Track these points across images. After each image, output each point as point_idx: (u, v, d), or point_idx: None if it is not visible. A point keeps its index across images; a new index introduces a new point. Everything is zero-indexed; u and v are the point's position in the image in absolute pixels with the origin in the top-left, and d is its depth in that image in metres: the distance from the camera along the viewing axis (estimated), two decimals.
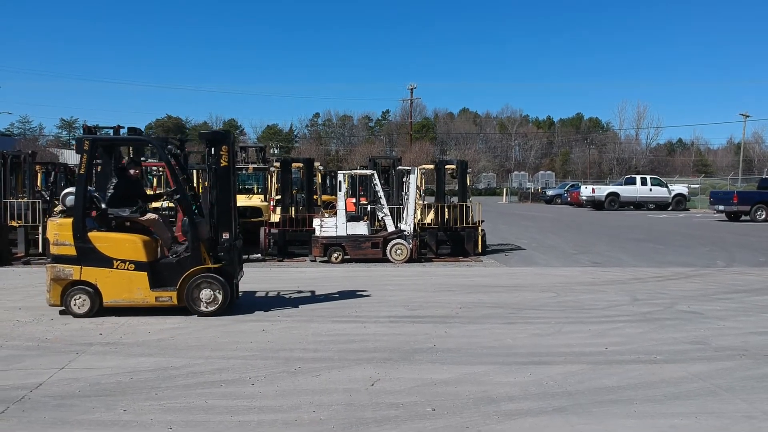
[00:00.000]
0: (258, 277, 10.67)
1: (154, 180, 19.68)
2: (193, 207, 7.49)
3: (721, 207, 26.25)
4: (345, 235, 12.46)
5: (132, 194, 7.72)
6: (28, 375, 4.99)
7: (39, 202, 13.20)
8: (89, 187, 7.34)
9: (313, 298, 8.40)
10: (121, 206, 7.47)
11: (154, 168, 17.89)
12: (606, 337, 6.34)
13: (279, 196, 14.68)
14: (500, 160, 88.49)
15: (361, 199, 17.44)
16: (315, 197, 15.19)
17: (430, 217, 13.85)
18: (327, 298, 8.44)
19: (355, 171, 17.46)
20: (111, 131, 13.82)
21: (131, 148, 11.06)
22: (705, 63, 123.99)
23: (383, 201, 13.02)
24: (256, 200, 16.85)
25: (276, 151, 68.81)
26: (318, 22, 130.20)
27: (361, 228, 12.65)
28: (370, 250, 12.45)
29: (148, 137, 9.93)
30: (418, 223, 13.22)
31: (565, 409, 4.30)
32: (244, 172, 18.54)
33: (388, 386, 4.76)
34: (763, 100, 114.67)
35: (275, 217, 14.22)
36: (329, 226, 12.59)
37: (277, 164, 15.08)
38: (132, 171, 7.93)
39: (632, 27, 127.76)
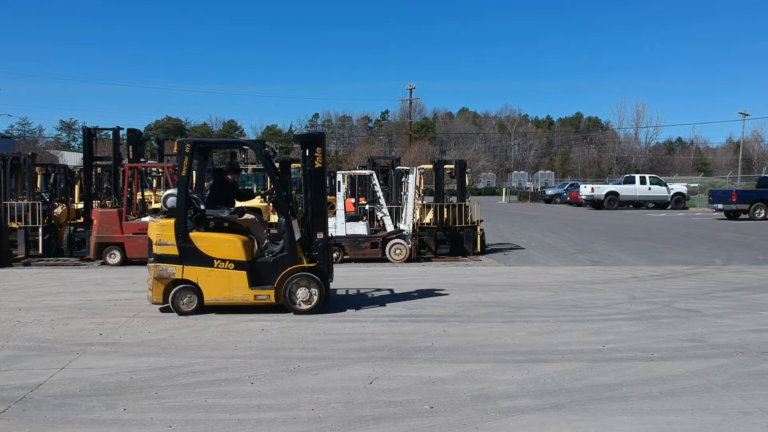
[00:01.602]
0: None
1: (154, 181, 19.73)
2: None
3: (720, 205, 26.31)
4: (344, 235, 12.49)
5: (228, 196, 7.92)
6: (29, 375, 5.02)
7: (39, 204, 13.24)
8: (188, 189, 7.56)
9: None
10: (218, 207, 7.67)
11: (154, 169, 17.92)
12: (604, 335, 6.38)
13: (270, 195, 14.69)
14: (500, 160, 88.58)
15: (360, 199, 17.48)
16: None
17: (429, 216, 13.88)
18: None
19: (354, 171, 17.50)
20: (110, 132, 13.93)
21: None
22: (704, 62, 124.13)
23: (382, 201, 13.06)
24: (255, 201, 16.88)
25: (276, 152, 68.76)
26: (317, 23, 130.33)
27: (360, 228, 12.68)
28: (369, 249, 12.49)
29: (246, 140, 10.14)
30: (417, 223, 13.25)
31: (562, 406, 4.33)
32: (243, 172, 18.60)
33: (387, 384, 4.80)
34: (763, 99, 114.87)
35: (275, 218, 14.23)
36: (328, 226, 12.60)
37: (277, 165, 15.09)
38: (230, 176, 8.12)
39: (631, 26, 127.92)
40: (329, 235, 7.87)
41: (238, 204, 8.17)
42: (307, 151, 7.54)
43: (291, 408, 4.29)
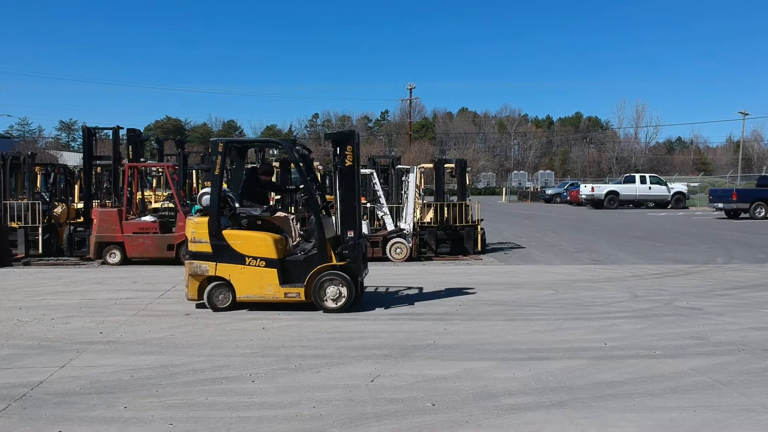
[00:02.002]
0: None
1: (154, 180, 19.71)
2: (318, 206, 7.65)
3: (721, 204, 26.30)
4: None
5: (263, 194, 7.99)
6: (29, 373, 5.00)
7: (39, 204, 13.22)
8: (225, 188, 7.63)
9: None
10: (251, 206, 7.76)
11: (154, 169, 17.90)
12: (605, 333, 6.36)
13: (279, 196, 14.70)
14: (499, 160, 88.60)
15: (361, 198, 17.44)
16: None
17: (430, 216, 13.86)
18: None
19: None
20: (110, 132, 13.91)
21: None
22: (704, 61, 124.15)
23: (382, 200, 13.04)
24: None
25: (276, 152, 68.84)
26: (317, 23, 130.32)
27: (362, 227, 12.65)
28: (369, 248, 12.46)
29: (277, 139, 10.23)
30: (417, 222, 13.23)
31: (565, 403, 4.31)
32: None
33: (388, 382, 4.78)
34: (763, 98, 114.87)
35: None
36: (328, 224, 12.58)
37: (276, 164, 15.09)
38: (263, 177, 8.18)
39: (631, 26, 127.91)
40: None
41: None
42: (338, 149, 7.53)
43: (292, 406, 4.28)
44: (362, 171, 15.20)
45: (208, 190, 7.69)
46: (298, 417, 4.08)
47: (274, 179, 9.53)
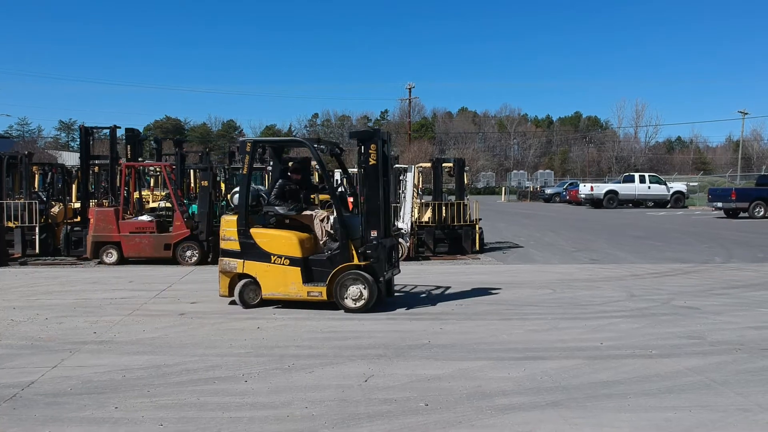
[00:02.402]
0: None
1: (152, 180, 19.68)
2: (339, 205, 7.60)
3: (720, 204, 26.26)
4: None
5: (294, 192, 7.99)
6: (21, 373, 4.97)
7: (35, 203, 13.17)
8: (260, 187, 7.64)
9: None
10: (281, 204, 7.81)
11: (152, 168, 17.87)
12: (602, 333, 6.33)
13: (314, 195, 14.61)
14: (499, 159, 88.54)
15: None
16: (312, 196, 15.13)
17: (428, 215, 13.82)
18: None
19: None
20: (108, 131, 13.88)
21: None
22: (703, 61, 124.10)
23: None
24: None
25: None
26: (316, 22, 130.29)
27: None
28: None
29: (301, 138, 10.21)
30: (415, 222, 13.19)
31: (559, 403, 4.28)
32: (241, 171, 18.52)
33: (382, 382, 4.75)
34: (762, 98, 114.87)
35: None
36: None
37: (289, 163, 15.03)
38: (293, 175, 8.16)
39: (631, 25, 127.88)
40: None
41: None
42: (362, 147, 7.50)
43: (285, 406, 4.24)
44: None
45: (238, 188, 7.82)
46: (290, 417, 4.04)
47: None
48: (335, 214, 7.52)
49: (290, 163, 8.40)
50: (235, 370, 5.07)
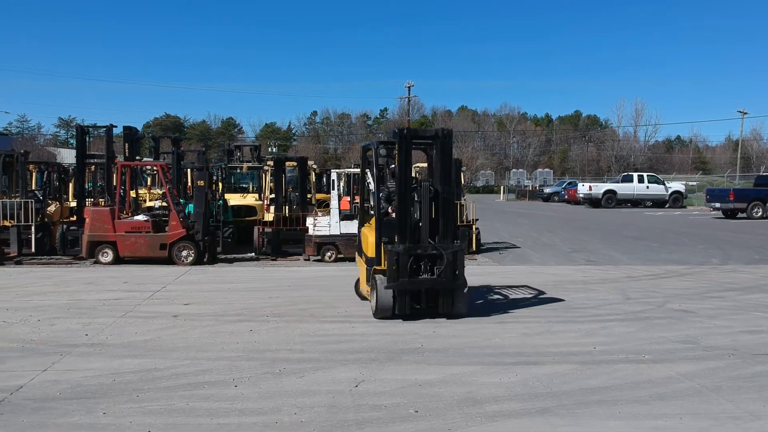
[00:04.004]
0: (250, 276, 10.64)
1: (149, 179, 19.64)
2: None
3: (718, 204, 26.24)
4: (338, 233, 12.42)
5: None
6: (10, 377, 4.94)
7: (32, 202, 13.14)
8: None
9: (304, 298, 8.34)
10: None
11: (148, 168, 17.84)
12: (595, 337, 6.31)
13: (273, 195, 14.64)
14: (498, 158, 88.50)
15: (356, 197, 17.37)
16: (309, 196, 15.15)
17: None
18: (317, 297, 8.38)
19: (349, 169, 17.40)
20: (104, 130, 13.84)
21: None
22: (703, 60, 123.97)
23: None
24: (250, 199, 16.81)
25: (274, 150, 68.71)
26: (316, 21, 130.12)
27: (354, 227, 12.57)
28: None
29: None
30: None
31: (549, 410, 4.26)
32: (238, 170, 18.50)
33: (372, 387, 4.72)
34: (762, 97, 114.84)
35: (269, 216, 14.17)
36: (322, 225, 12.56)
37: (271, 163, 15.03)
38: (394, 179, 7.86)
39: (630, 24, 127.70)
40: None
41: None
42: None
43: (273, 412, 4.22)
44: (358, 170, 14.58)
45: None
46: (279, 424, 4.02)
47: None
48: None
49: (392, 166, 8.16)
50: (225, 374, 5.04)
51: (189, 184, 17.07)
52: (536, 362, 5.41)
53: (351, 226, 12.54)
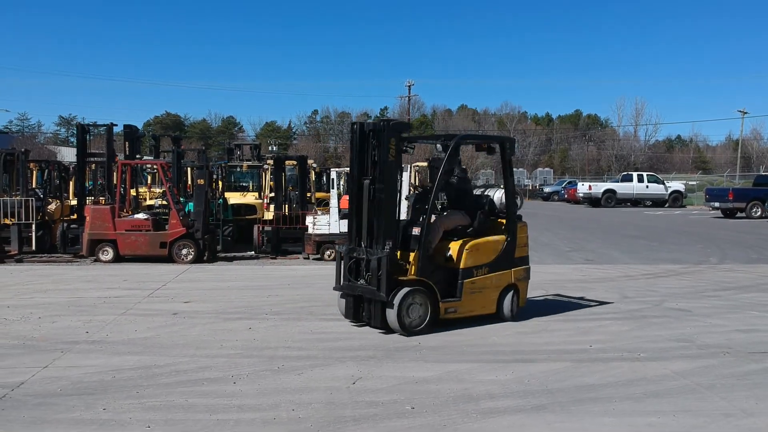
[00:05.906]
0: (250, 274, 10.70)
1: (149, 177, 19.72)
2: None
3: (717, 204, 26.29)
4: (338, 232, 12.45)
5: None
6: (11, 374, 4.99)
7: (32, 200, 13.20)
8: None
9: (303, 296, 8.39)
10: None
11: (148, 166, 17.91)
12: (591, 335, 6.36)
13: (273, 194, 14.70)
14: (498, 157, 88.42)
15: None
16: (308, 195, 15.21)
17: None
18: (316, 295, 8.43)
19: (348, 168, 17.44)
20: (105, 129, 13.90)
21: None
22: (703, 59, 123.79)
23: None
24: (250, 198, 16.87)
25: (275, 148, 68.72)
26: (316, 19, 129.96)
27: None
28: None
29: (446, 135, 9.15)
30: None
31: (544, 407, 4.31)
32: (238, 169, 18.55)
33: (370, 384, 4.78)
34: (762, 97, 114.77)
35: (269, 215, 14.23)
36: (322, 223, 12.61)
37: (271, 161, 15.09)
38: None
39: (630, 23, 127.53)
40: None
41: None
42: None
43: (272, 408, 4.27)
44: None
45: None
46: (277, 420, 4.07)
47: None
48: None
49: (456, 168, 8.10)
50: (224, 371, 5.10)
51: (189, 182, 17.15)
52: (532, 360, 5.46)
53: None
